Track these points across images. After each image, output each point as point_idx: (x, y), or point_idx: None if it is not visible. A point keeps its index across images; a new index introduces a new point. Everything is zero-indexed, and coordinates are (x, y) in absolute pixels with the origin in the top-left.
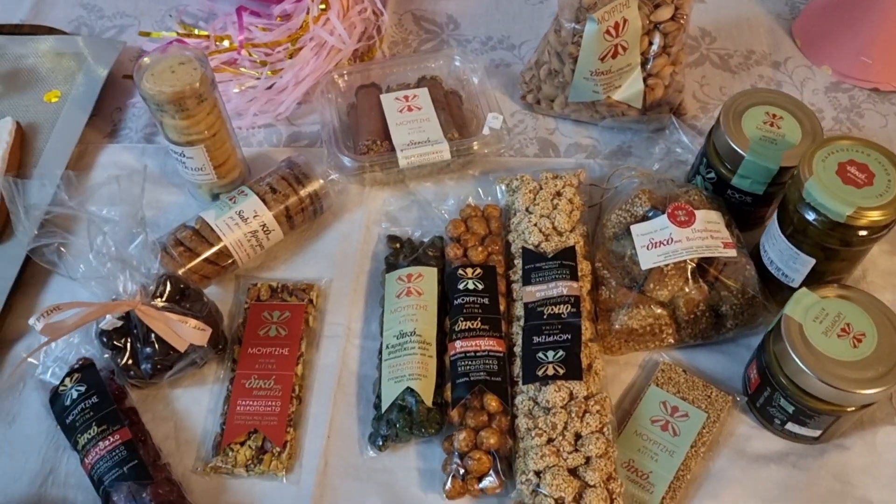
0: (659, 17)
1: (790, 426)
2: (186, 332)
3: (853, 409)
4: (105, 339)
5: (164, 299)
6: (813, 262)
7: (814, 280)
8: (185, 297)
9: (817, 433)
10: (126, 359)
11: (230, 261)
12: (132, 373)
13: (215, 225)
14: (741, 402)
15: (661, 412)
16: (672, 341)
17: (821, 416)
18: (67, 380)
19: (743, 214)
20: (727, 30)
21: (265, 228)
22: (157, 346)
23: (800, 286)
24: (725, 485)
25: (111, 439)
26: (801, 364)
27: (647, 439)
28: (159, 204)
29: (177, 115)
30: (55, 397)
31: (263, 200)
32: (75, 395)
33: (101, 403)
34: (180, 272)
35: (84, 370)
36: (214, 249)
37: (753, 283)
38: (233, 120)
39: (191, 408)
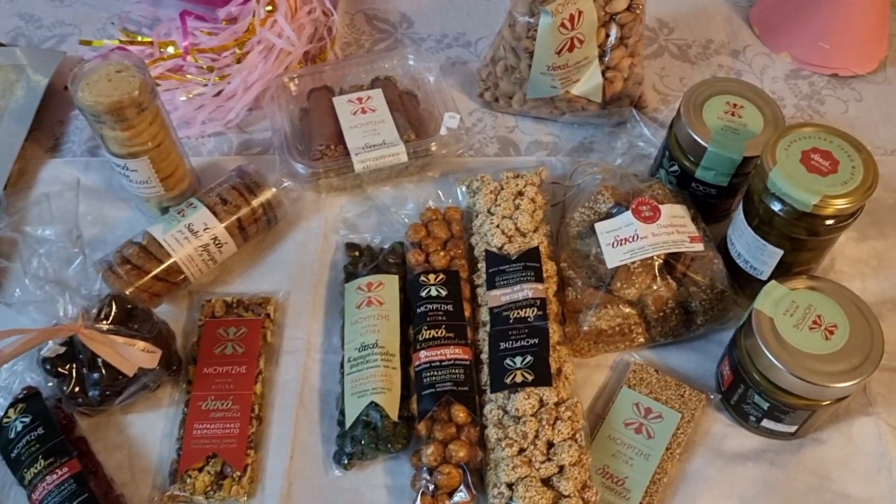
0: (614, 7)
1: (766, 423)
2: (134, 355)
3: (829, 402)
4: (49, 367)
5: (109, 321)
6: (781, 253)
7: (782, 272)
8: (132, 318)
9: (793, 429)
10: (72, 386)
11: (181, 277)
12: (80, 400)
13: (163, 240)
14: (715, 399)
15: (635, 414)
16: (642, 341)
17: (796, 411)
18: (11, 411)
19: (708, 207)
20: (685, 20)
21: (217, 241)
22: (104, 371)
23: (768, 279)
24: (703, 486)
25: (59, 472)
26: (773, 359)
27: (622, 443)
28: (105, 220)
29: (116, 126)
30: None
31: (214, 212)
32: (20, 426)
33: (47, 434)
34: (128, 291)
35: (29, 400)
36: (164, 266)
37: (722, 277)
38: (181, 129)
39: (145, 434)
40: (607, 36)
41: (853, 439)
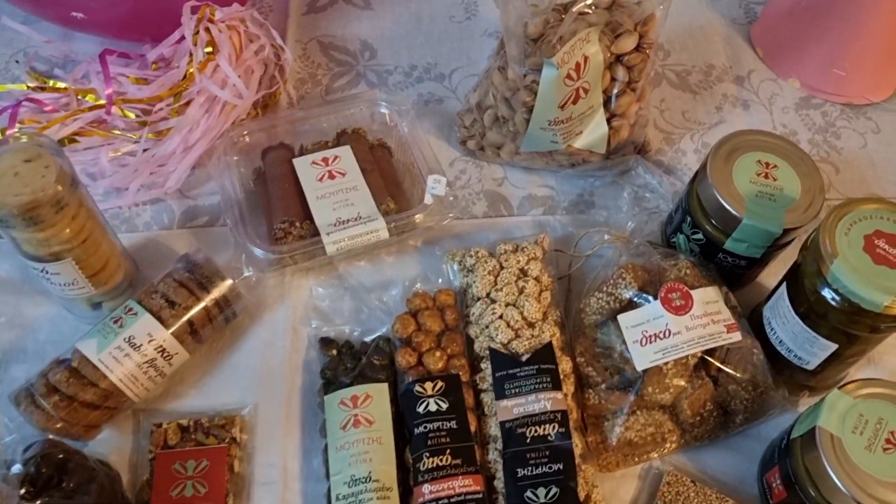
0: (621, 48)
1: None
2: None
3: None
4: None
5: (34, 492)
6: (835, 347)
7: (832, 361)
8: (66, 475)
9: None
10: None
11: (123, 400)
12: None
13: (99, 360)
14: None
15: None
16: (674, 448)
17: None
18: None
19: (734, 277)
20: (681, 41)
21: (164, 353)
22: None
23: (815, 368)
24: None
25: None
26: (843, 488)
27: None
28: (23, 321)
29: (30, 229)
30: None
31: (159, 318)
32: None
33: None
34: (57, 426)
35: None
36: (100, 391)
37: (764, 371)
38: (109, 199)
39: None
40: (613, 80)
41: None
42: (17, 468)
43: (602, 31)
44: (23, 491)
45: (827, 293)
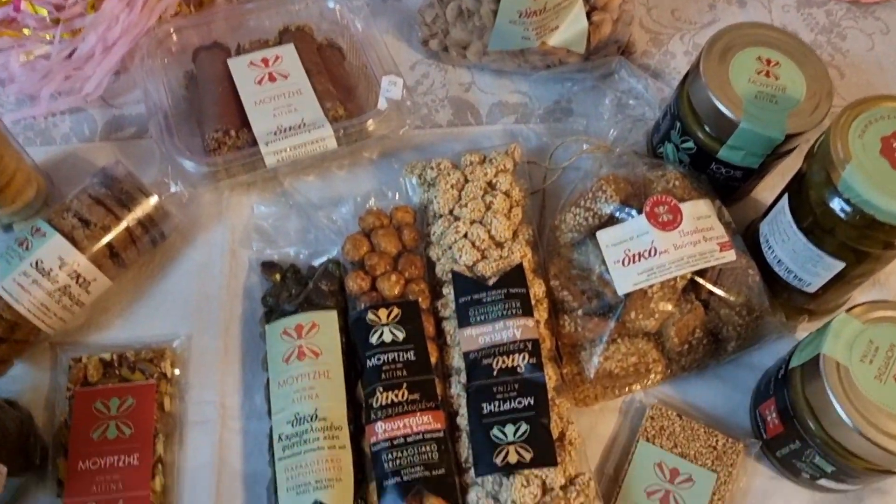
0: None
1: (824, 482)
2: None
3: None
4: None
5: None
6: (841, 266)
7: (836, 283)
8: None
9: (858, 487)
10: None
11: (35, 332)
12: None
13: (2, 288)
14: (754, 447)
15: (658, 478)
16: (660, 379)
17: (869, 475)
18: None
19: (727, 190)
20: None
21: (80, 280)
22: None
23: (817, 291)
24: None
25: None
26: (849, 421)
27: None
28: None
29: None
30: None
31: (72, 239)
32: None
33: None
34: None
35: None
36: (5, 322)
37: (760, 294)
38: (21, 108)
39: None
40: None
41: None
42: None
43: None
44: None
45: (836, 204)
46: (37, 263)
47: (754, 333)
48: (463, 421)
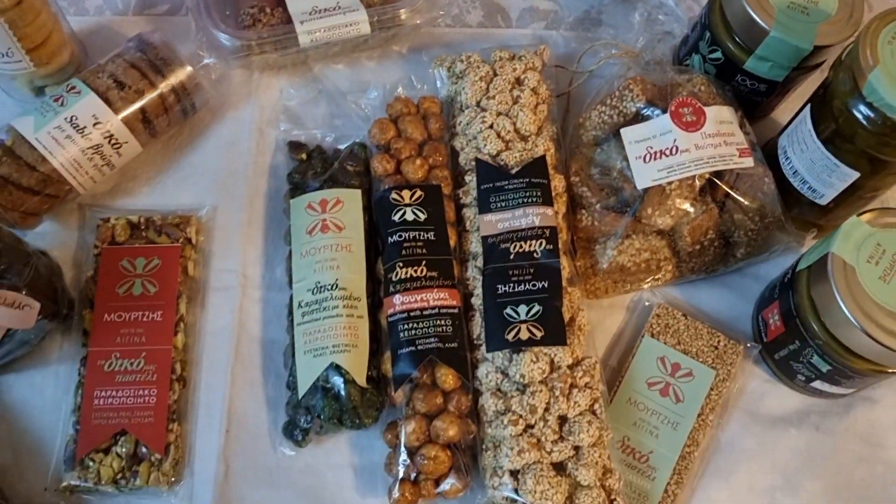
0: None
1: (818, 384)
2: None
3: None
4: None
5: None
6: (856, 176)
7: (847, 196)
8: None
9: (850, 391)
10: None
11: (65, 189)
12: None
13: (36, 139)
14: (753, 351)
15: (660, 371)
16: (669, 277)
17: (863, 377)
18: None
19: (749, 105)
20: None
21: (112, 141)
22: None
23: (829, 203)
24: (739, 458)
25: None
26: (850, 316)
27: (645, 409)
28: None
29: None
30: None
31: (106, 100)
32: None
33: None
34: None
35: None
36: (39, 175)
37: (774, 201)
38: None
39: (29, 400)
40: None
41: None
42: None
43: None
44: None
45: (860, 110)
46: (71, 119)
47: (764, 242)
48: (477, 301)
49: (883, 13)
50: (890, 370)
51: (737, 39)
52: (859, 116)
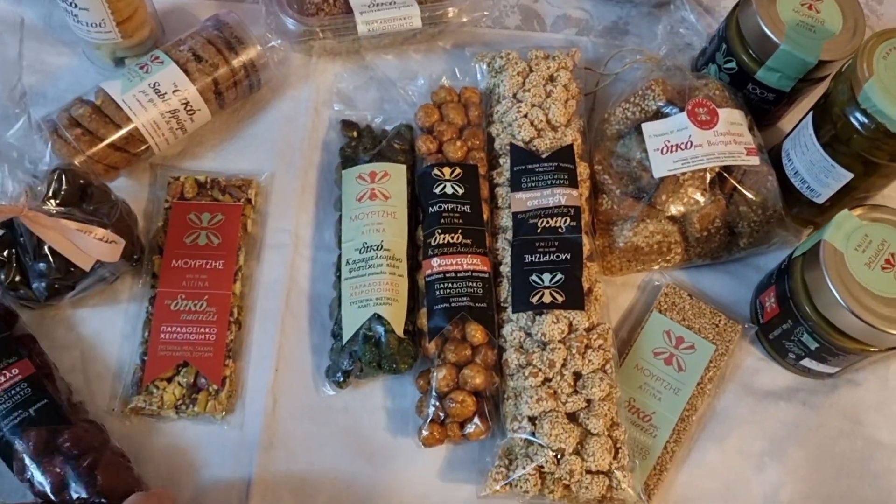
0: None
1: (806, 362)
2: (91, 245)
3: (886, 349)
4: None
5: (58, 202)
6: (850, 177)
7: (841, 196)
8: (86, 197)
9: (835, 370)
10: (12, 276)
11: (143, 147)
12: (21, 292)
13: (122, 101)
14: (750, 331)
15: (665, 343)
16: (678, 261)
17: (847, 355)
18: None
19: (759, 113)
20: None
21: (188, 107)
22: (52, 260)
23: (825, 202)
24: (732, 425)
25: (8, 375)
26: (838, 297)
27: (650, 375)
28: (45, 68)
29: None
30: None
31: (185, 70)
32: None
33: None
34: (78, 161)
35: None
36: (122, 132)
37: (775, 196)
38: None
39: (101, 333)
40: None
41: (889, 382)
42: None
43: None
44: (49, 193)
45: (856, 117)
46: (154, 85)
47: (765, 234)
48: (505, 268)
49: (879, 32)
50: (872, 348)
51: (750, 51)
52: (855, 122)
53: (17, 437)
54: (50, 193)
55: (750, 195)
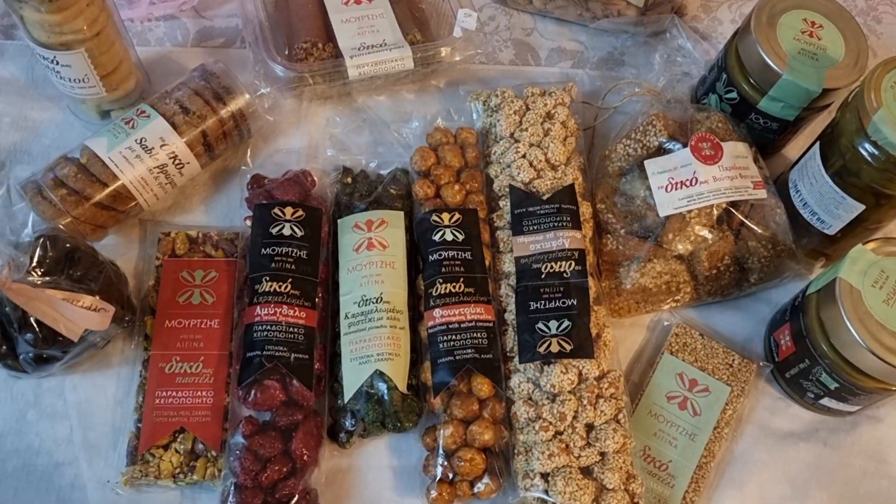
0: None
1: (826, 401)
2: (79, 314)
3: None
4: None
5: (43, 270)
6: (861, 208)
7: (853, 228)
8: (73, 263)
9: (856, 409)
10: None
11: (132, 204)
12: (7, 362)
13: (108, 158)
14: (765, 370)
15: (678, 386)
16: (688, 300)
17: (869, 394)
18: None
19: (762, 143)
20: None
21: (176, 161)
22: (38, 330)
23: (836, 233)
24: (752, 469)
25: None
26: (857, 336)
27: (664, 421)
28: (28, 124)
29: (43, 7)
30: None
31: (173, 123)
32: None
33: None
34: (64, 223)
35: None
36: (109, 190)
37: (786, 230)
38: (122, 10)
39: (92, 400)
40: None
41: None
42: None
43: None
44: (33, 263)
45: (865, 148)
46: (141, 140)
47: (776, 269)
48: (510, 316)
49: (886, 61)
50: (894, 387)
51: (751, 81)
52: (865, 154)
53: None
54: (34, 263)
55: (759, 230)
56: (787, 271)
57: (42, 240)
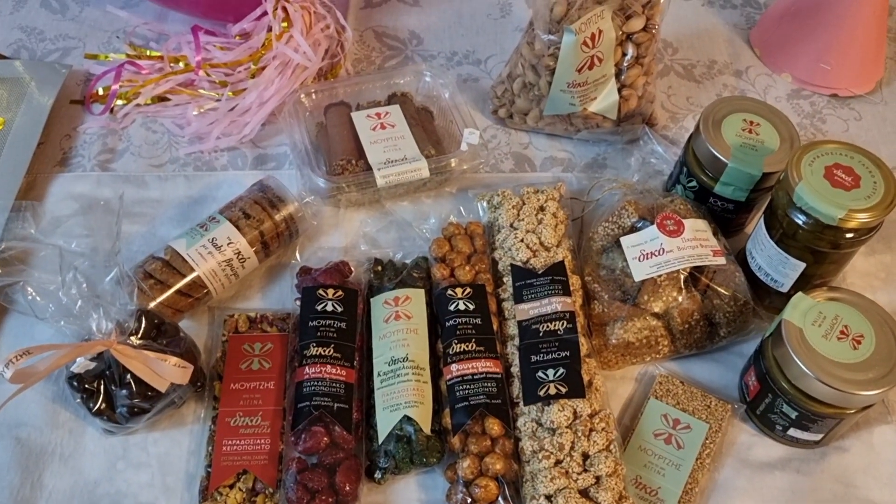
0: (631, 27)
1: (792, 432)
2: (167, 370)
3: (855, 410)
4: (76, 383)
5: (139, 336)
6: (803, 266)
7: (802, 284)
8: (161, 333)
9: (818, 437)
10: (99, 403)
11: (204, 292)
12: (105, 417)
13: (187, 255)
14: (740, 410)
15: (663, 425)
16: (667, 352)
17: (824, 419)
18: None
19: (724, 222)
20: (688, 41)
21: (240, 256)
22: (133, 387)
23: (789, 291)
24: (733, 495)
25: None
26: (804, 368)
27: (652, 454)
28: (120, 235)
29: None
30: None
31: (237, 226)
32: None
33: None
34: (151, 306)
35: None
36: (187, 280)
37: (744, 289)
38: (193, 144)
39: (170, 452)
40: (624, 55)
41: (874, 447)
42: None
43: (614, 12)
44: (132, 330)
45: (795, 215)
46: (212, 240)
47: (742, 324)
48: (515, 369)
49: (804, 146)
50: (847, 410)
51: (706, 171)
52: (797, 220)
53: None
54: (133, 330)
55: (721, 290)
56: (753, 325)
57: (139, 313)
